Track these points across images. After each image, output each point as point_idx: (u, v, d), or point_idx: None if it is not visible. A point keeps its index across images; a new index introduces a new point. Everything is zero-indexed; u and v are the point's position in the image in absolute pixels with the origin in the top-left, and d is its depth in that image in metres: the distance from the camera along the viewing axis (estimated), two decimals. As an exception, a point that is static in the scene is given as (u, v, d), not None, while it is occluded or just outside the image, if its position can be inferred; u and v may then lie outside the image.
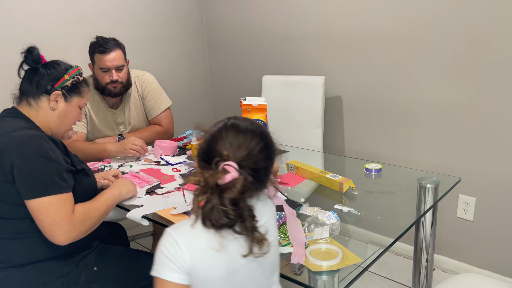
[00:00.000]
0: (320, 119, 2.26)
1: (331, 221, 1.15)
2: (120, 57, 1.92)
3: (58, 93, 1.28)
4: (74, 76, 1.32)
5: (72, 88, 1.32)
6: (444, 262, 2.13)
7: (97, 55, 1.89)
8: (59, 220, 1.11)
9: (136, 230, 2.72)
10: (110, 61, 1.88)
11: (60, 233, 1.11)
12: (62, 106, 1.30)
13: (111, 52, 1.88)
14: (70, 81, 1.31)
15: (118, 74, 1.91)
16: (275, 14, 2.55)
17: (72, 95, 1.32)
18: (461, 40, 1.86)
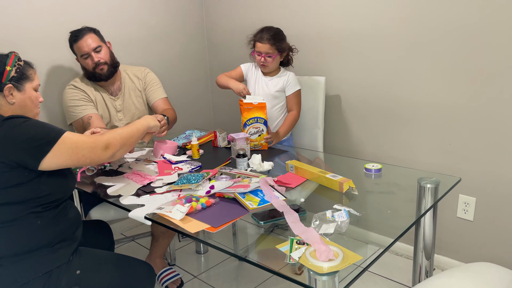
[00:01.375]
0: (321, 119, 2.26)
1: (341, 219, 1.15)
2: (94, 39, 1.97)
3: (10, 86, 1.29)
4: (15, 63, 1.32)
5: (19, 76, 1.32)
6: (444, 262, 2.13)
7: (74, 46, 1.97)
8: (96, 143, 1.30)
9: (136, 230, 2.72)
10: (86, 46, 1.95)
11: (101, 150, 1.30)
12: (18, 97, 1.32)
13: (84, 37, 1.95)
14: (14, 70, 1.31)
15: (97, 55, 1.97)
16: (275, 14, 2.55)
17: (22, 82, 1.33)
18: (461, 40, 1.86)
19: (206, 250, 2.42)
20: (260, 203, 1.31)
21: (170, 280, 2.05)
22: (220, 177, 1.56)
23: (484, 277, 1.14)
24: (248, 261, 1.10)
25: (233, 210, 1.30)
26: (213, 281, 2.13)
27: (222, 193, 1.39)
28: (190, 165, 1.73)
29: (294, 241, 1.08)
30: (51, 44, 2.24)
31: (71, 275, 1.25)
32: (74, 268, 1.27)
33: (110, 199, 1.44)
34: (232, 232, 1.27)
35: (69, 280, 1.24)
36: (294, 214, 1.22)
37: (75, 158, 1.24)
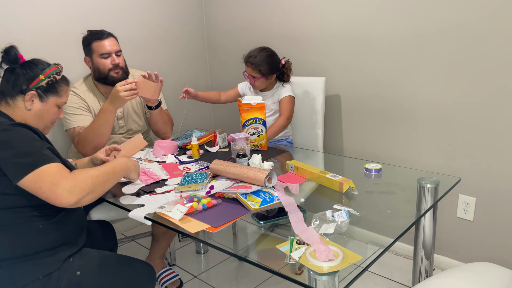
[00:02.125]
0: (321, 120, 2.26)
1: (341, 219, 1.15)
2: (116, 42, 1.98)
3: (33, 94, 1.29)
4: (50, 75, 1.32)
5: (48, 87, 1.32)
6: (444, 262, 2.14)
7: (95, 43, 1.93)
8: (57, 180, 1.10)
9: (136, 230, 2.72)
10: (110, 46, 1.93)
11: (62, 191, 1.09)
12: (37, 106, 1.31)
13: (109, 37, 1.95)
14: (46, 81, 1.31)
15: (118, 58, 1.96)
16: (275, 15, 2.55)
17: (48, 94, 1.33)
18: (460, 40, 1.86)
19: (206, 250, 2.42)
20: (262, 203, 1.32)
21: (169, 280, 2.05)
22: (220, 177, 1.56)
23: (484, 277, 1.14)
24: (248, 261, 1.10)
25: (234, 210, 1.30)
26: (213, 281, 2.13)
27: (223, 193, 1.39)
28: (199, 165, 1.73)
29: (294, 241, 1.08)
30: (51, 45, 2.24)
31: (71, 276, 1.25)
32: (75, 269, 1.26)
33: (110, 199, 1.45)
34: (232, 232, 1.27)
35: (69, 281, 1.24)
36: (298, 214, 1.22)
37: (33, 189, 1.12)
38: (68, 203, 1.10)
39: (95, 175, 1.20)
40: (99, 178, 1.20)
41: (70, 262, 1.27)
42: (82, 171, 1.19)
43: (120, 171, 1.32)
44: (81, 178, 1.15)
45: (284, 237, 1.15)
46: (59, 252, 1.26)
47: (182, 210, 1.24)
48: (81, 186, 1.13)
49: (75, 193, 1.11)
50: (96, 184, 1.18)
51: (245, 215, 1.27)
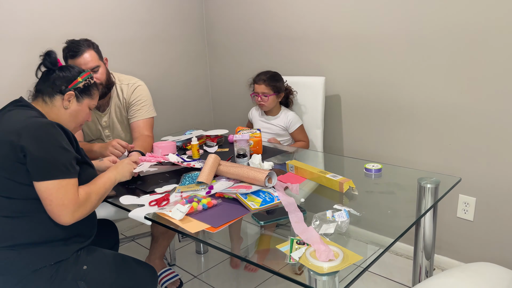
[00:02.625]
0: (320, 120, 2.26)
1: (342, 219, 1.15)
2: (93, 57, 1.83)
3: (71, 94, 1.40)
4: (86, 79, 1.45)
5: (84, 89, 1.44)
6: (444, 262, 2.14)
7: (69, 61, 1.81)
8: (67, 202, 1.21)
9: (136, 230, 2.72)
10: (83, 64, 1.79)
11: (67, 213, 1.21)
12: (74, 106, 1.41)
13: (83, 54, 1.80)
14: (83, 83, 1.43)
15: (95, 75, 1.81)
16: (275, 15, 2.55)
17: (83, 96, 1.44)
18: (460, 40, 1.86)
19: (206, 250, 2.42)
20: (262, 203, 1.32)
21: (169, 280, 2.05)
22: (220, 177, 1.56)
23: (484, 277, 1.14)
24: (248, 261, 1.10)
25: (234, 210, 1.30)
26: (213, 281, 2.13)
27: (223, 193, 1.39)
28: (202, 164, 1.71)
29: (294, 241, 1.08)
30: (50, 44, 2.24)
31: (78, 269, 1.29)
32: (81, 263, 1.31)
33: (110, 199, 1.45)
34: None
35: (75, 274, 1.28)
36: (299, 214, 1.22)
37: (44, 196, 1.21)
38: (66, 223, 1.23)
39: (93, 199, 1.31)
40: (95, 201, 1.32)
41: (78, 255, 1.32)
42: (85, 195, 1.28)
43: (110, 187, 1.41)
44: (84, 204, 1.27)
45: (284, 237, 1.15)
46: (72, 243, 1.31)
47: (183, 210, 1.24)
48: (82, 213, 1.26)
49: (75, 218, 1.24)
50: (92, 206, 1.31)
51: (245, 215, 1.27)
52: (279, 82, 2.19)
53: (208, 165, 1.52)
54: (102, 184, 1.36)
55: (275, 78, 2.19)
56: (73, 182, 1.24)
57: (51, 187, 1.20)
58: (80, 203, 1.25)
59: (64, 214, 1.21)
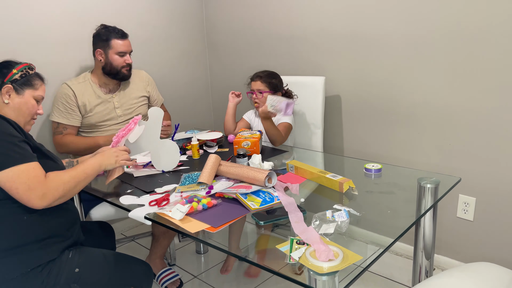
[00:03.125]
0: (320, 120, 2.26)
1: (341, 219, 1.15)
2: (130, 43, 2.13)
3: (9, 87, 1.34)
4: (23, 69, 1.38)
5: (23, 81, 1.37)
6: (444, 262, 2.14)
7: (115, 41, 2.05)
8: (33, 185, 1.18)
9: (136, 230, 2.72)
10: (127, 46, 2.09)
11: (36, 197, 1.18)
12: (15, 99, 1.36)
13: (127, 38, 2.10)
14: (19, 74, 1.37)
15: (129, 59, 2.10)
16: (275, 14, 2.55)
17: (23, 87, 1.37)
18: (460, 40, 1.86)
19: (206, 250, 2.42)
20: (262, 203, 1.32)
21: (169, 280, 2.05)
22: (220, 177, 1.56)
23: (484, 277, 1.14)
24: (248, 261, 1.10)
25: (234, 210, 1.30)
26: (213, 281, 2.13)
27: (222, 193, 1.39)
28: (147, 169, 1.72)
29: (294, 241, 1.08)
30: (50, 44, 2.24)
31: (70, 272, 1.27)
32: (73, 266, 1.28)
33: (110, 199, 1.45)
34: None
35: (68, 277, 1.26)
36: (298, 214, 1.22)
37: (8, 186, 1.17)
38: (38, 207, 1.20)
39: (67, 181, 1.27)
40: (70, 183, 1.27)
41: (69, 258, 1.29)
42: (56, 177, 1.25)
43: (92, 172, 1.37)
44: (54, 185, 1.23)
45: (284, 237, 1.15)
46: (49, 245, 1.27)
47: (183, 210, 1.24)
48: (53, 193, 1.22)
49: (47, 200, 1.21)
50: (67, 189, 1.26)
51: (245, 215, 1.27)
52: (275, 79, 2.14)
53: (208, 165, 1.52)
54: (82, 169, 1.33)
55: (272, 76, 2.14)
56: (33, 165, 1.20)
57: (11, 174, 1.16)
58: (50, 185, 1.21)
59: (33, 198, 1.18)
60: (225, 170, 1.52)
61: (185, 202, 1.31)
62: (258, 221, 1.23)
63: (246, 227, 1.28)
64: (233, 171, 1.50)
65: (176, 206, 1.26)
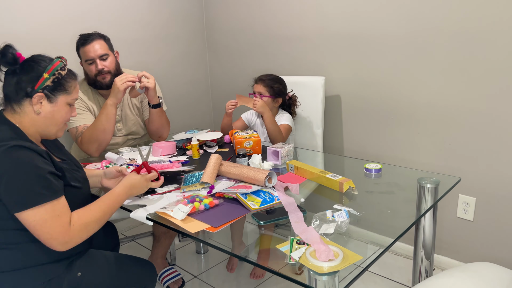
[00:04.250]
0: (320, 119, 2.26)
1: (341, 219, 1.16)
2: (102, 46, 1.93)
3: (40, 95, 1.18)
4: (55, 72, 1.19)
5: (55, 86, 1.20)
6: (444, 262, 2.14)
7: (80, 49, 1.93)
8: (56, 235, 1.09)
9: (137, 230, 2.72)
10: (93, 51, 1.90)
11: (58, 244, 1.11)
12: (47, 108, 1.20)
13: (92, 42, 1.90)
14: (51, 79, 1.19)
15: (102, 63, 1.93)
16: (276, 14, 2.55)
17: (56, 94, 1.21)
18: (460, 40, 1.86)
19: (206, 250, 2.42)
20: (262, 203, 1.32)
21: (171, 280, 2.05)
22: (221, 177, 1.56)
23: (484, 277, 1.14)
24: (248, 261, 1.10)
25: (234, 210, 1.30)
26: (213, 281, 2.13)
27: (223, 193, 1.39)
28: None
29: (294, 241, 1.08)
30: (50, 45, 2.24)
31: (72, 277, 1.24)
32: (75, 270, 1.25)
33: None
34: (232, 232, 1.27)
35: (70, 282, 1.23)
36: (298, 214, 1.22)
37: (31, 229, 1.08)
38: (59, 251, 1.12)
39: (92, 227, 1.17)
40: (94, 227, 1.18)
41: (71, 263, 1.27)
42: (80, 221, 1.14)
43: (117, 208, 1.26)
44: (78, 234, 1.13)
45: (284, 237, 1.15)
46: (62, 260, 1.24)
47: (184, 210, 1.24)
48: (75, 241, 1.13)
49: (67, 247, 1.12)
50: (90, 233, 1.18)
51: (245, 215, 1.27)
52: (278, 85, 2.13)
53: (210, 165, 1.52)
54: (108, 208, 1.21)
55: (275, 81, 2.13)
56: (58, 208, 1.09)
57: (35, 218, 1.06)
58: (73, 233, 1.11)
59: (55, 245, 1.10)
60: (225, 170, 1.52)
61: (187, 202, 1.31)
62: (258, 221, 1.23)
63: (246, 227, 1.29)
64: (233, 171, 1.50)
65: (178, 206, 1.26)
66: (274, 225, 1.24)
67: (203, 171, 1.56)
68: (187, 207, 1.26)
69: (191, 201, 1.31)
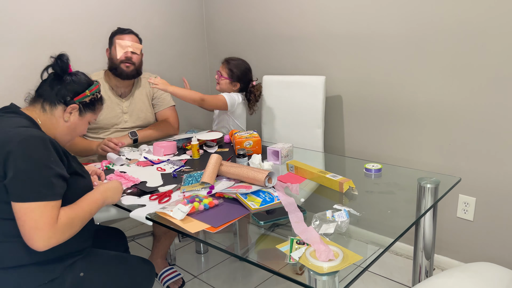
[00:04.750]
0: (321, 119, 2.26)
1: (342, 219, 1.16)
2: (136, 40, 2.08)
3: (75, 107, 1.31)
4: (94, 93, 1.36)
5: (89, 104, 1.35)
6: (444, 262, 2.14)
7: (117, 36, 2.06)
8: (41, 226, 1.08)
9: (136, 230, 2.72)
10: (131, 39, 2.06)
11: (40, 239, 1.08)
12: (74, 119, 1.33)
13: (129, 34, 2.07)
14: (89, 98, 1.34)
15: (132, 54, 2.05)
16: (276, 14, 2.55)
17: (87, 110, 1.36)
18: (461, 40, 1.86)
19: (206, 250, 2.42)
20: (262, 203, 1.32)
21: (171, 280, 2.05)
22: (221, 177, 1.56)
23: (484, 277, 1.14)
24: (248, 261, 1.10)
25: (234, 210, 1.30)
26: (213, 281, 2.13)
27: (223, 193, 1.39)
28: (173, 165, 1.74)
29: (294, 241, 1.08)
30: (51, 44, 2.24)
31: (74, 278, 1.25)
32: (78, 270, 1.26)
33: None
34: (232, 232, 1.27)
35: (72, 283, 1.24)
36: (298, 214, 1.22)
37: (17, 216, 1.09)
38: (35, 248, 1.09)
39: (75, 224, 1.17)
40: (77, 226, 1.18)
41: (74, 263, 1.27)
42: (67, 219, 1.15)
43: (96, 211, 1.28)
44: (63, 229, 1.13)
45: (284, 237, 1.15)
46: (64, 260, 1.24)
47: (184, 210, 1.24)
48: (58, 239, 1.12)
49: (49, 244, 1.10)
50: (72, 232, 1.17)
51: (246, 215, 1.27)
52: (238, 70, 2.20)
53: (211, 165, 1.52)
54: (88, 208, 1.23)
55: (237, 66, 2.21)
56: (52, 204, 1.11)
57: (26, 208, 1.08)
58: (58, 229, 1.11)
59: (36, 239, 1.07)
60: (225, 170, 1.52)
61: (187, 202, 1.31)
62: (258, 221, 1.23)
63: (246, 227, 1.28)
64: (233, 171, 1.50)
65: (178, 206, 1.26)
66: (274, 225, 1.24)
67: (203, 171, 1.56)
68: (187, 207, 1.26)
69: (190, 201, 1.31)
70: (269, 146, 1.76)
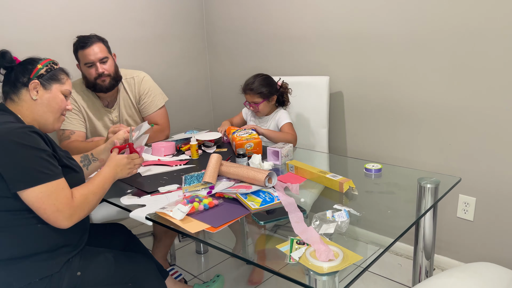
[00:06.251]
0: (325, 119, 2.25)
1: (342, 219, 1.16)
2: (102, 49, 1.92)
3: (36, 83, 1.31)
4: (47, 64, 1.36)
5: (49, 76, 1.35)
6: (444, 262, 2.14)
7: (79, 52, 1.91)
8: (62, 207, 1.17)
9: (136, 230, 2.72)
10: (93, 54, 1.89)
11: (64, 218, 1.18)
12: (42, 94, 1.33)
13: (92, 46, 1.89)
14: (44, 69, 1.34)
15: (103, 66, 1.92)
16: (276, 14, 2.55)
17: (50, 82, 1.35)
18: (462, 40, 1.86)
19: (206, 250, 2.42)
20: (262, 203, 1.32)
21: (171, 280, 2.05)
22: (221, 177, 1.56)
23: (484, 277, 1.14)
24: (248, 261, 1.10)
25: (234, 210, 1.30)
26: (213, 281, 2.13)
27: (223, 193, 1.39)
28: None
29: (294, 241, 1.08)
30: (49, 45, 2.24)
31: (72, 277, 1.25)
32: (75, 270, 1.26)
33: (111, 199, 1.45)
34: (232, 232, 1.27)
35: (69, 282, 1.24)
36: (298, 214, 1.22)
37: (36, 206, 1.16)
38: (64, 227, 1.19)
39: (90, 199, 1.27)
40: (93, 201, 1.28)
41: (69, 263, 1.27)
42: (81, 196, 1.24)
43: (109, 186, 1.38)
44: (80, 205, 1.23)
45: (284, 237, 1.15)
46: (60, 255, 1.25)
47: (184, 210, 1.24)
48: (79, 214, 1.22)
49: (73, 220, 1.21)
50: (90, 207, 1.27)
51: (246, 215, 1.27)
52: (266, 87, 2.07)
53: (211, 165, 1.52)
54: (101, 184, 1.32)
55: (262, 84, 2.07)
56: (61, 184, 1.19)
57: (41, 195, 1.14)
58: (76, 206, 1.21)
59: (61, 219, 1.17)
60: (225, 170, 1.52)
61: (186, 202, 1.31)
62: (258, 221, 1.23)
63: (246, 227, 1.28)
64: (233, 171, 1.50)
65: (177, 206, 1.26)
66: (274, 225, 1.24)
67: (203, 171, 1.56)
68: (186, 207, 1.26)
69: (190, 201, 1.31)
70: (269, 146, 1.76)
